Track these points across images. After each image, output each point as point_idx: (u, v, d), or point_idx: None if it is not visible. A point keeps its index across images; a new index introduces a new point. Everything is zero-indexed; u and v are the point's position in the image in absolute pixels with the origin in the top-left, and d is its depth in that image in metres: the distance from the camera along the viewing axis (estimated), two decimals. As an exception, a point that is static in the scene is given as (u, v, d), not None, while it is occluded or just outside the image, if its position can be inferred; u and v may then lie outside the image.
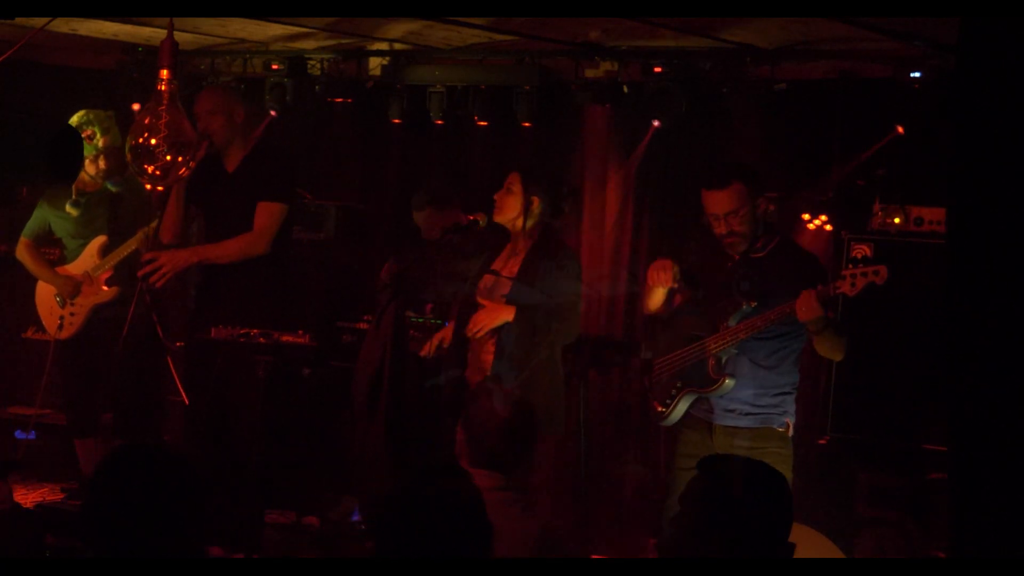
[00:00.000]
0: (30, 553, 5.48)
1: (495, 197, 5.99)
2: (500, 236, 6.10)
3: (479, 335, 5.84)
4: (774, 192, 6.66)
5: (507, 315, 5.78)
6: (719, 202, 5.29)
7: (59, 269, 7.08)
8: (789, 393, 5.39)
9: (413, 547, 3.15)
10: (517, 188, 5.93)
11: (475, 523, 3.24)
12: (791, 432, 5.39)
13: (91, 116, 6.81)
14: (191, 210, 6.64)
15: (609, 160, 7.81)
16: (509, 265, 5.96)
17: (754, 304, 5.21)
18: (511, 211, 5.93)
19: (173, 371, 6.41)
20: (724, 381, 5.32)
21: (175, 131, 5.53)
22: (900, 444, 6.16)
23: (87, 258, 6.98)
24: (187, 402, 6.33)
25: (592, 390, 6.14)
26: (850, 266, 5.19)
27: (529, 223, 5.92)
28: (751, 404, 5.33)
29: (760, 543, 3.27)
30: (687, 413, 5.46)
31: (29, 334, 7.88)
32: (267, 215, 6.34)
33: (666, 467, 5.56)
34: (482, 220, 6.06)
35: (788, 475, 5.31)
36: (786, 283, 5.19)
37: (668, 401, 5.46)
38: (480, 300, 5.95)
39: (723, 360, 5.31)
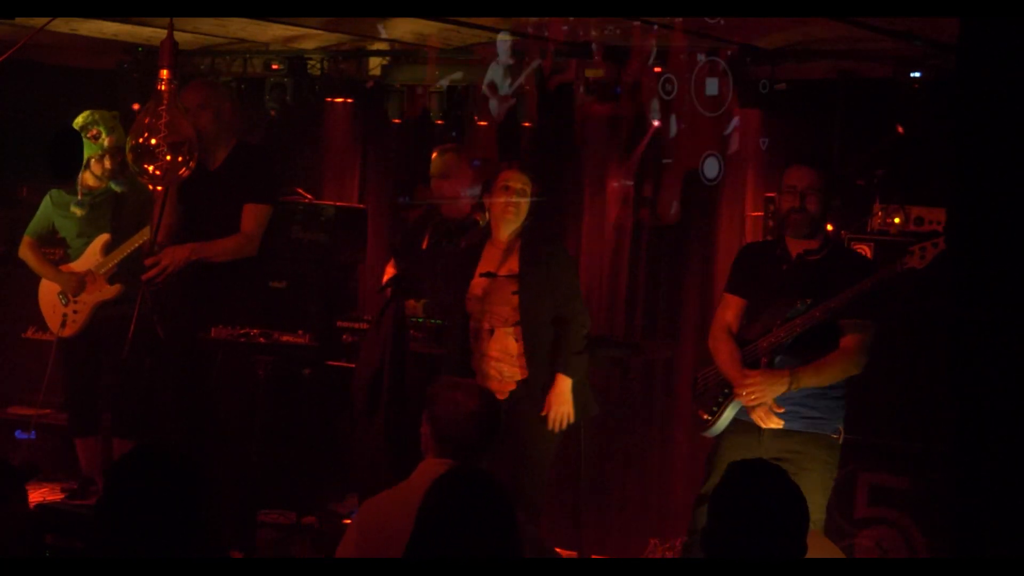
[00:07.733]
0: (30, 553, 5.46)
1: (493, 204, 5.95)
2: (477, 236, 6.12)
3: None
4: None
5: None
6: (803, 176, 5.31)
7: (63, 267, 7.08)
8: (840, 398, 5.30)
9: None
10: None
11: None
12: (841, 440, 5.30)
13: (96, 116, 6.82)
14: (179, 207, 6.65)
15: (609, 160, 7.80)
16: (506, 265, 5.94)
17: (808, 301, 5.15)
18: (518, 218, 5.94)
19: (148, 302, 6.22)
20: None
21: (175, 131, 5.53)
22: (900, 444, 6.15)
23: (90, 256, 6.98)
24: (161, 335, 6.24)
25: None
26: (905, 241, 5.13)
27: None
28: (804, 406, 5.21)
29: (779, 545, 3.30)
30: (733, 419, 5.32)
31: (29, 334, 7.87)
32: (254, 218, 6.36)
33: (705, 473, 5.47)
34: (482, 220, 6.06)
35: (831, 484, 5.26)
36: (843, 282, 5.15)
37: (714, 408, 5.32)
38: (481, 306, 5.93)
39: (776, 360, 5.22)
